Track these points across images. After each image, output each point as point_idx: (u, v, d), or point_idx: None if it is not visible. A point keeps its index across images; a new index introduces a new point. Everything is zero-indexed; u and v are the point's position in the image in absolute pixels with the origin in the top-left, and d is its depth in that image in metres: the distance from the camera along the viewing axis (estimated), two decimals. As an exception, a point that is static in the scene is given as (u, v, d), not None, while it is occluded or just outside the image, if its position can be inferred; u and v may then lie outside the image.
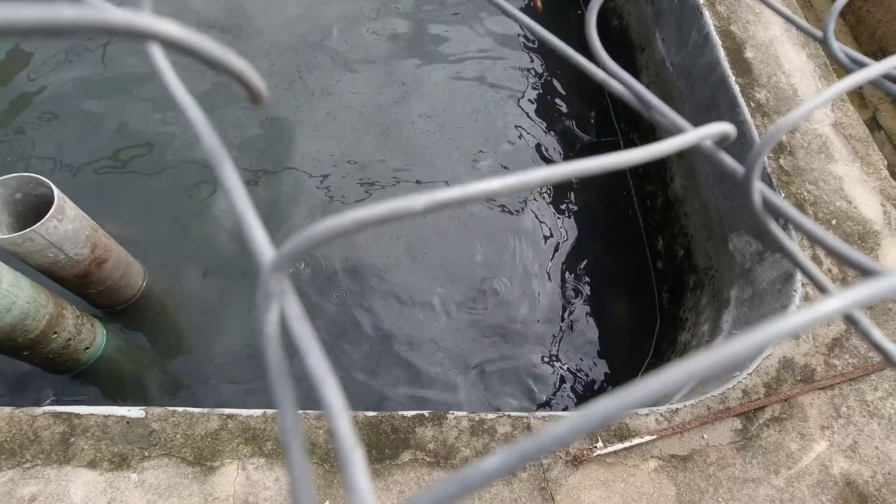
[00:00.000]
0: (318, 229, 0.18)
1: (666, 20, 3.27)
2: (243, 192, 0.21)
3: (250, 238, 0.20)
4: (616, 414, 0.15)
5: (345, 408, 0.16)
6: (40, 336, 2.20)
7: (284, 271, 0.19)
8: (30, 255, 2.08)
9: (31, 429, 1.60)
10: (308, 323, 0.19)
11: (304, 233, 0.18)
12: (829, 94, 0.34)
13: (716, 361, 0.17)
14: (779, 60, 2.81)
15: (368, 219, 0.18)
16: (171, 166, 3.09)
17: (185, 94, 0.23)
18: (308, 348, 0.17)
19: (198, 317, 2.72)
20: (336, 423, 0.15)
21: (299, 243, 0.18)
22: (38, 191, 2.13)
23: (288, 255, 0.18)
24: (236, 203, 0.21)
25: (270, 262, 0.19)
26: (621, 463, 1.66)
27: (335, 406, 0.16)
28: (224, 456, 1.62)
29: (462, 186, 0.19)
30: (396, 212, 0.18)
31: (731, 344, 0.17)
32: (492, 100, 3.62)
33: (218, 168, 0.21)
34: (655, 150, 0.32)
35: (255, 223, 0.21)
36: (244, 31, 3.68)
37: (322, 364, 0.17)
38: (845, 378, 1.82)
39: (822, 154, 2.50)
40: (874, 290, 0.22)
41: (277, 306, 0.18)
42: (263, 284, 0.18)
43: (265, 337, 0.18)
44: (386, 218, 0.18)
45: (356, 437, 0.15)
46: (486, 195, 0.20)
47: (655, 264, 3.19)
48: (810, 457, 1.70)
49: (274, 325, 0.18)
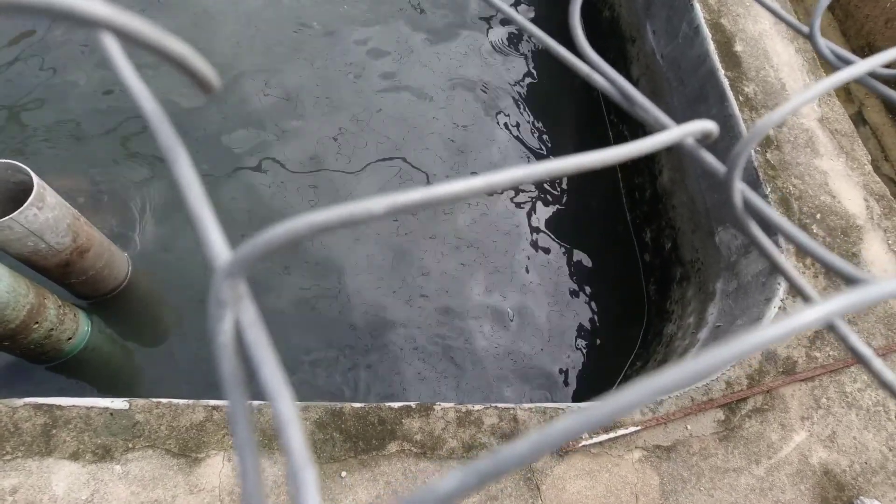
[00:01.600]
0: (275, 233, 0.17)
1: (656, 12, 3.26)
2: (200, 190, 0.20)
3: (205, 240, 0.19)
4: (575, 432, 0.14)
5: (297, 420, 0.15)
6: (20, 326, 2.16)
7: (240, 276, 0.18)
8: (9, 244, 2.03)
9: (11, 420, 1.58)
10: (264, 331, 0.18)
11: (260, 237, 0.18)
12: (812, 93, 0.34)
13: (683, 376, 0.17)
14: (767, 54, 2.82)
15: (327, 222, 0.17)
16: (156, 153, 3.03)
17: (139, 81, 0.21)
18: (262, 359, 0.17)
19: (183, 307, 2.69)
20: (288, 437, 0.15)
21: (255, 247, 0.17)
22: (17, 178, 2.08)
23: (242, 260, 0.17)
24: (191, 202, 0.20)
25: (224, 267, 0.18)
26: (606, 453, 1.68)
27: (287, 419, 0.15)
28: (209, 447, 1.61)
29: (425, 189, 0.18)
30: (356, 215, 0.17)
31: (704, 357, 0.16)
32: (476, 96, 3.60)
33: (173, 164, 0.20)
34: (636, 148, 0.32)
35: (212, 224, 0.20)
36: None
37: (276, 376, 0.16)
38: (826, 370, 1.85)
39: (808, 148, 2.52)
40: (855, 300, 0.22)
41: (232, 314, 0.18)
42: (216, 291, 0.17)
43: (218, 346, 0.17)
44: (345, 221, 0.17)
45: (308, 453, 0.15)
46: (450, 198, 0.19)
47: (643, 256, 3.21)
48: (790, 447, 1.73)
49: (227, 333, 0.17)
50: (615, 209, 3.40)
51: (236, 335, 0.18)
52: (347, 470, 1.61)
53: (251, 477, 0.16)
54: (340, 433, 1.66)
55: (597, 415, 0.14)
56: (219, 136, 3.14)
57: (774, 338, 0.17)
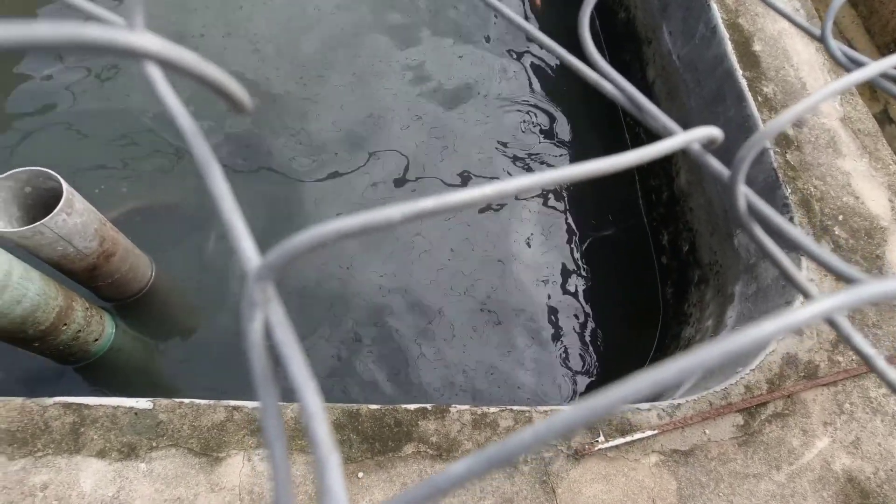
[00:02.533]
0: (301, 240, 0.19)
1: (673, 12, 3.24)
2: (232, 201, 0.22)
3: (238, 248, 0.21)
4: (579, 423, 0.15)
5: (323, 412, 0.17)
6: (50, 328, 2.23)
7: (269, 280, 0.20)
8: (39, 249, 2.11)
9: (42, 419, 1.64)
10: (291, 330, 0.19)
11: (288, 242, 0.19)
12: (818, 97, 0.35)
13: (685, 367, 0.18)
14: (787, 54, 2.78)
15: (349, 229, 0.19)
16: (179, 156, 3.11)
17: (178, 103, 0.23)
18: (290, 355, 0.18)
19: (204, 309, 2.75)
20: (314, 428, 0.16)
21: (282, 253, 0.19)
22: (48, 184, 2.16)
23: (272, 265, 0.19)
24: (224, 212, 0.21)
25: (255, 271, 0.19)
26: (622, 457, 1.67)
27: (313, 411, 0.17)
28: (230, 447, 1.64)
29: (438, 196, 0.20)
30: (375, 222, 0.19)
31: (695, 353, 0.17)
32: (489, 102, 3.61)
33: (207, 177, 0.22)
34: (643, 154, 0.33)
35: (244, 232, 0.21)
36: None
37: (303, 371, 0.18)
38: (849, 374, 1.81)
39: (830, 149, 2.48)
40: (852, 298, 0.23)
41: (262, 314, 0.19)
42: (248, 293, 0.19)
43: (250, 344, 0.19)
44: (365, 228, 0.19)
45: (333, 441, 0.16)
46: (464, 205, 0.20)
47: (660, 259, 3.18)
48: (812, 453, 1.70)
49: (258, 332, 0.19)
50: (632, 212, 3.38)
51: (266, 334, 0.19)
52: (364, 471, 1.63)
53: (280, 463, 0.18)
54: (357, 434, 1.68)
55: (600, 405, 0.15)
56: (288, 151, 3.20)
57: (771, 333, 0.18)
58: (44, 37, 0.16)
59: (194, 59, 0.17)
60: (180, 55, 0.17)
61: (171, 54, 0.17)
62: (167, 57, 0.17)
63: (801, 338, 1.94)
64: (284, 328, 0.19)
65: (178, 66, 0.17)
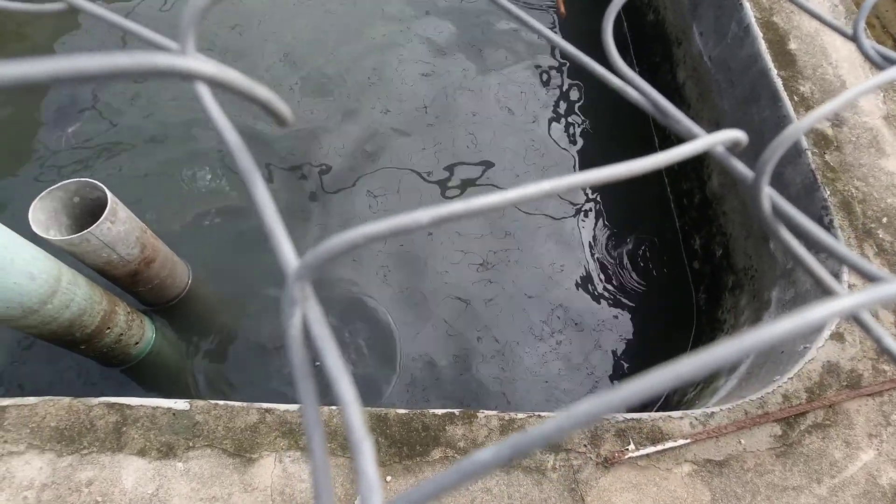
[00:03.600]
0: (336, 242, 0.20)
1: (703, 12, 3.18)
2: (273, 209, 0.24)
3: (278, 251, 0.22)
4: (599, 414, 0.16)
5: (356, 401, 0.18)
6: (95, 331, 2.34)
7: (307, 280, 0.21)
8: (85, 255, 2.22)
9: (88, 418, 1.72)
10: (327, 326, 0.21)
11: (323, 245, 0.21)
12: (847, 97, 0.34)
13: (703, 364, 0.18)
14: (825, 51, 2.69)
15: (379, 232, 0.20)
16: (217, 167, 3.22)
17: (224, 119, 0.25)
18: (326, 349, 0.20)
19: (240, 314, 2.83)
20: (348, 415, 0.17)
21: (319, 255, 0.20)
22: (94, 194, 2.27)
23: (309, 265, 0.21)
24: (266, 219, 0.23)
25: (294, 271, 0.21)
26: (654, 466, 1.63)
27: (348, 400, 0.18)
28: (262, 448, 1.68)
29: (465, 201, 0.21)
30: (404, 226, 0.20)
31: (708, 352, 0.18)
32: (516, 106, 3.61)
33: (251, 186, 0.24)
34: (668, 157, 0.33)
35: (283, 237, 0.23)
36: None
37: (338, 363, 0.19)
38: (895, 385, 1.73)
39: (873, 148, 2.38)
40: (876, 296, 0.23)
41: (300, 311, 0.21)
42: (288, 292, 0.21)
43: (289, 339, 0.21)
44: (395, 231, 0.20)
45: (366, 428, 0.17)
46: (488, 209, 0.21)
47: (692, 264, 3.11)
48: (856, 466, 1.62)
49: (297, 328, 0.21)
50: (663, 216, 3.31)
51: (304, 330, 0.21)
52: (392, 475, 1.65)
53: (319, 451, 0.19)
54: (385, 438, 1.70)
55: (619, 397, 0.16)
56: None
57: (789, 331, 0.19)
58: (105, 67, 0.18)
59: (242, 78, 0.19)
60: (230, 76, 0.19)
61: (223, 76, 0.19)
62: (220, 78, 0.18)
63: (842, 345, 1.86)
64: (321, 325, 0.21)
65: (230, 87, 0.19)
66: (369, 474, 0.16)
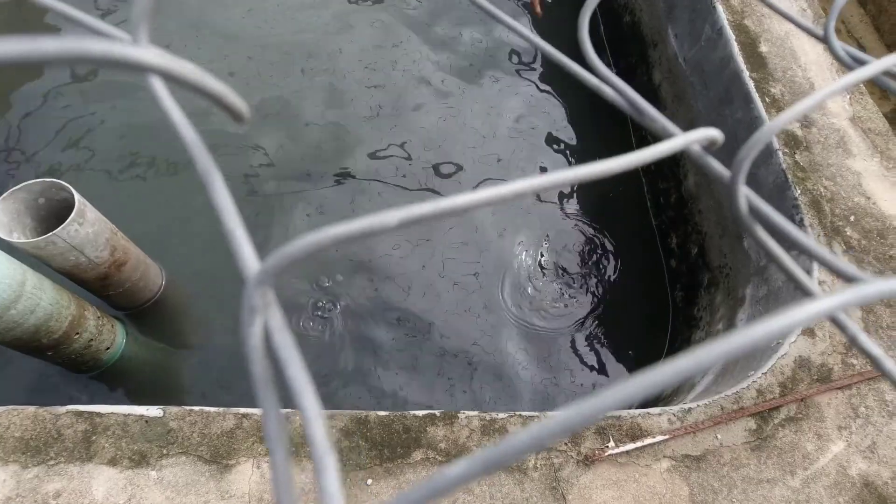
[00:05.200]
0: (298, 245, 0.19)
1: (678, 15, 3.23)
2: (233, 210, 0.22)
3: (238, 254, 0.21)
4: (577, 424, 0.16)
5: (320, 414, 0.17)
6: (63, 337, 2.26)
7: (268, 285, 0.20)
8: (52, 258, 2.14)
9: (55, 427, 1.65)
10: (290, 334, 0.20)
11: (284, 249, 0.19)
12: (820, 96, 0.34)
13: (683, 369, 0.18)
14: (795, 54, 2.76)
15: (345, 234, 0.19)
16: (187, 165, 3.15)
17: (181, 115, 0.24)
18: (288, 359, 0.18)
19: (215, 317, 2.77)
20: (311, 430, 0.16)
21: (280, 259, 0.19)
22: (60, 195, 2.19)
23: (270, 270, 0.19)
24: (226, 220, 0.22)
25: (254, 276, 0.20)
26: (633, 463, 1.65)
27: (311, 413, 0.17)
28: (239, 454, 1.65)
29: (434, 202, 0.20)
30: (372, 228, 0.19)
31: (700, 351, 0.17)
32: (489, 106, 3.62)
33: (209, 187, 0.22)
34: (645, 155, 0.33)
35: (244, 240, 0.22)
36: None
37: (301, 374, 0.18)
38: (863, 378, 1.78)
39: (840, 149, 2.45)
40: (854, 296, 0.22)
41: (261, 319, 0.20)
42: (247, 298, 0.19)
43: (250, 348, 0.19)
44: (362, 233, 0.19)
45: (330, 442, 0.16)
46: (459, 210, 0.20)
47: (669, 262, 3.16)
48: (827, 457, 1.67)
49: (258, 336, 0.19)
50: (640, 215, 3.36)
51: (265, 338, 0.20)
52: (373, 478, 1.63)
53: (281, 464, 0.18)
54: (366, 441, 1.68)
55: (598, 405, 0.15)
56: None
57: (771, 333, 0.18)
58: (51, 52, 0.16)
59: (196, 71, 0.18)
60: (182, 68, 0.17)
61: (174, 67, 0.17)
62: (170, 70, 0.17)
63: (813, 340, 1.91)
64: (283, 333, 0.19)
65: (180, 79, 0.17)
66: (332, 491, 0.15)
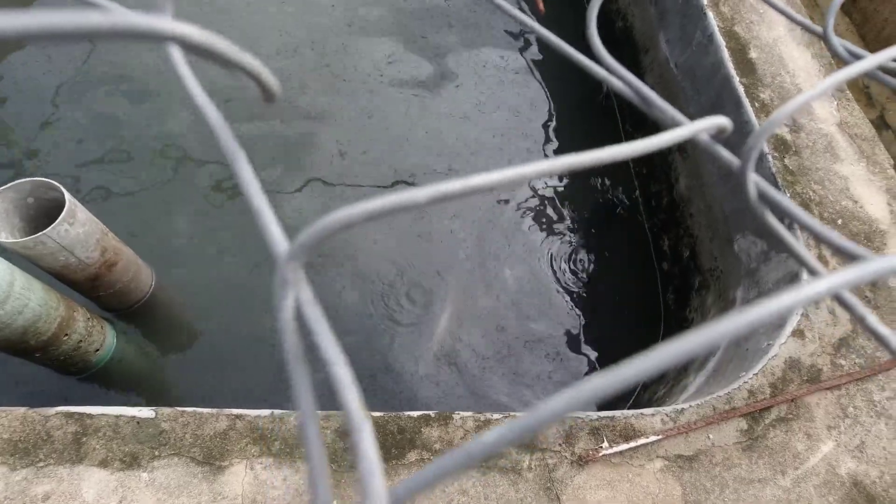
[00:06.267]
0: (330, 220, 0.20)
1: (670, 21, 3.28)
2: (258, 187, 0.23)
3: (266, 231, 0.21)
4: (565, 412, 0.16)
5: (353, 383, 0.17)
6: (52, 338, 2.23)
7: (299, 261, 0.20)
8: (41, 259, 2.11)
9: (44, 428, 1.63)
10: (319, 307, 0.20)
11: (316, 224, 0.20)
12: (825, 86, 0.35)
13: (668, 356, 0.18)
14: (783, 60, 2.81)
15: (376, 210, 0.19)
16: (180, 167, 3.12)
17: (202, 93, 0.24)
18: (319, 330, 0.19)
19: (206, 318, 2.75)
20: (346, 398, 0.17)
21: (312, 234, 0.19)
22: (50, 195, 2.17)
23: (302, 245, 0.20)
24: (251, 197, 0.22)
25: (286, 252, 0.20)
26: (627, 463, 1.66)
27: (345, 381, 0.17)
28: (233, 456, 1.63)
29: (463, 179, 0.20)
30: (402, 203, 0.19)
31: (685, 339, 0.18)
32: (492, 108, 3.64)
33: (233, 163, 0.23)
34: (654, 142, 0.34)
35: (271, 217, 0.22)
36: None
37: (332, 344, 0.18)
38: (852, 378, 1.81)
39: (828, 153, 2.49)
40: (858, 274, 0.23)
41: (293, 293, 0.20)
42: (280, 273, 0.20)
43: (282, 320, 0.20)
44: (392, 209, 0.19)
45: (365, 411, 0.16)
46: (487, 187, 0.21)
47: (661, 265, 3.19)
48: (817, 457, 1.69)
49: (290, 309, 0.20)
50: (632, 218, 3.39)
51: (296, 312, 0.20)
52: (368, 478, 1.62)
53: (313, 438, 0.18)
54: (361, 442, 1.67)
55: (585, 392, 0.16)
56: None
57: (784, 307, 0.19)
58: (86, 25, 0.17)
59: (229, 46, 0.18)
60: (216, 42, 0.18)
61: (208, 41, 0.17)
62: (205, 44, 0.17)
63: (803, 342, 1.94)
64: (313, 306, 0.20)
65: (215, 54, 0.18)
66: (371, 456, 0.15)
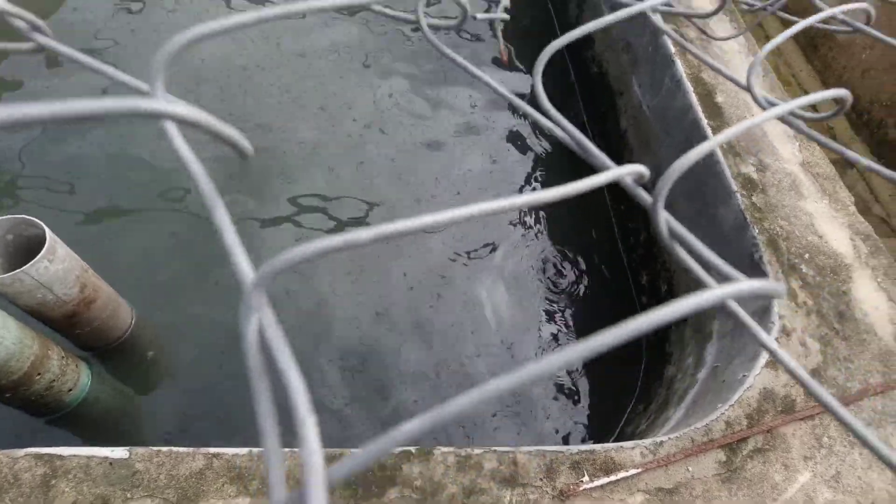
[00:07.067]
0: (289, 255, 0.23)
1: (641, 67, 3.47)
2: (232, 230, 0.27)
3: (236, 265, 0.25)
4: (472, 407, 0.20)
5: (304, 389, 0.21)
6: (23, 377, 2.18)
7: (263, 289, 0.24)
8: (18, 296, 2.09)
9: (12, 471, 1.58)
10: (280, 330, 0.23)
11: (278, 258, 0.24)
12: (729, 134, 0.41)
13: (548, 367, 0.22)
14: (748, 105, 2.97)
15: (327, 248, 0.23)
16: (160, 206, 3.14)
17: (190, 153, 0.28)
18: (279, 349, 0.22)
19: (185, 357, 2.71)
20: (295, 399, 0.20)
21: (272, 267, 0.23)
22: (30, 232, 2.17)
23: (267, 274, 0.23)
24: (226, 240, 0.26)
25: (252, 280, 0.24)
26: (608, 497, 1.66)
27: (296, 386, 0.20)
28: (209, 496, 1.60)
29: (405, 220, 0.24)
30: (348, 243, 0.23)
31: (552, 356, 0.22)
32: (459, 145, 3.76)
33: (213, 211, 0.27)
34: (580, 186, 0.39)
35: (241, 254, 0.26)
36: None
37: (289, 360, 0.22)
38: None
39: (793, 191, 2.62)
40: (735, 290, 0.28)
41: (256, 317, 0.23)
42: (245, 299, 0.23)
43: (246, 343, 0.23)
44: (341, 247, 0.23)
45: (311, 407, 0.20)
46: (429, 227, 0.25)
47: (640, 299, 3.25)
48: (794, 487, 1.71)
49: (253, 332, 0.23)
50: (611, 254, 3.47)
51: (259, 334, 0.23)
52: (347, 519, 1.59)
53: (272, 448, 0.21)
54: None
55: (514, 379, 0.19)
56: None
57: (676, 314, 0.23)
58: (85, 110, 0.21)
59: (210, 118, 0.22)
60: (200, 116, 0.22)
61: (193, 116, 0.22)
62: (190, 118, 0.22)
63: (776, 372, 1.98)
64: (274, 328, 0.23)
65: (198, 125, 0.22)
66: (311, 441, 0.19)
